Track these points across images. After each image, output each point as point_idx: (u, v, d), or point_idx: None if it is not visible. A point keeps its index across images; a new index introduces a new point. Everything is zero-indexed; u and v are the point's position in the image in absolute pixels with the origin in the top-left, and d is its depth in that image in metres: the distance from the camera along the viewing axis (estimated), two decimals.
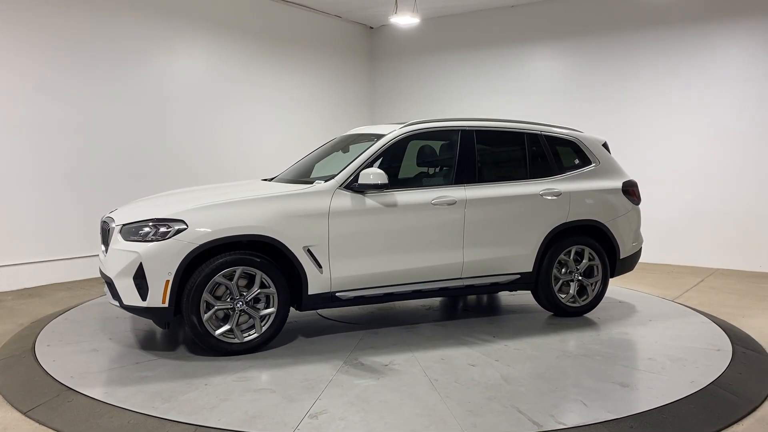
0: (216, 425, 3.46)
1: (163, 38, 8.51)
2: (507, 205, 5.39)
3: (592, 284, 5.76)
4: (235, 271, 4.53)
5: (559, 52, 10.03)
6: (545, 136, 5.75)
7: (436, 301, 6.39)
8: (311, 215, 4.73)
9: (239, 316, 4.60)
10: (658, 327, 5.48)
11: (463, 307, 6.27)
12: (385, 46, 11.94)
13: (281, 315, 4.70)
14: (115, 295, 4.55)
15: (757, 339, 5.25)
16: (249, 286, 4.62)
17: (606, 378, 4.19)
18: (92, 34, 7.71)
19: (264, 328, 4.66)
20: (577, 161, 5.81)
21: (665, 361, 4.55)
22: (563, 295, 5.67)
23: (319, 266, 4.77)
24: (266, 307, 4.68)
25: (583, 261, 5.69)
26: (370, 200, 4.94)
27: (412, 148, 5.74)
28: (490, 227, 5.32)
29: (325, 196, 4.83)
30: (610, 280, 5.91)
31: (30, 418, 3.67)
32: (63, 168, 7.50)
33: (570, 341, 5.05)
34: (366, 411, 3.65)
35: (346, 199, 4.87)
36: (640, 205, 6.08)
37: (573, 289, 5.69)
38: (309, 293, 4.76)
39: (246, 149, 9.66)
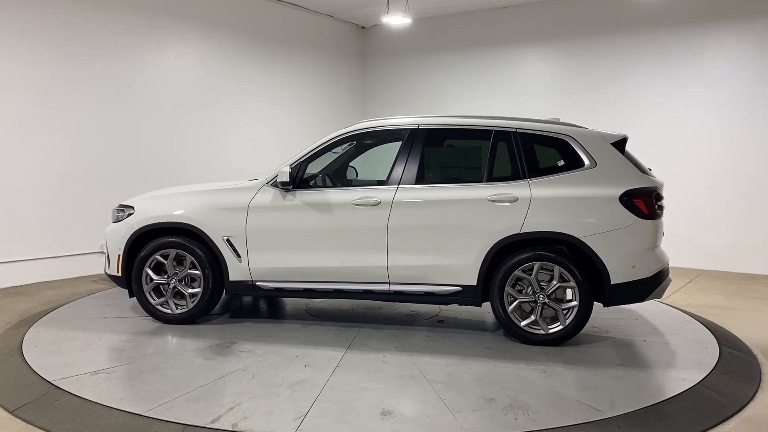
0: (197, 423, 3.47)
1: (154, 37, 8.46)
2: (440, 210, 4.90)
3: (565, 311, 4.80)
4: (169, 253, 5.31)
5: (550, 53, 10.07)
6: (521, 133, 4.95)
7: (428, 307, 6.11)
8: (232, 209, 5.24)
9: (173, 291, 5.36)
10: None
11: (439, 318, 5.76)
12: (376, 46, 11.94)
13: (209, 295, 5.29)
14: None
15: (743, 340, 5.29)
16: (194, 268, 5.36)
17: (381, 405, 3.71)
18: (85, 33, 7.65)
19: (192, 305, 5.33)
20: (561, 162, 4.88)
21: (504, 403, 3.75)
22: (526, 319, 4.86)
23: (238, 256, 5.22)
24: (198, 287, 5.32)
25: (553, 282, 4.79)
26: (289, 197, 5.19)
27: (364, 148, 5.79)
28: (419, 232, 4.93)
29: (250, 191, 5.28)
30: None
31: (17, 417, 3.65)
32: (51, 167, 7.44)
33: (470, 365, 4.40)
34: (137, 380, 4.11)
35: (268, 196, 5.23)
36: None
37: (537, 313, 4.83)
38: (230, 279, 5.27)
39: (237, 148, 9.63)
